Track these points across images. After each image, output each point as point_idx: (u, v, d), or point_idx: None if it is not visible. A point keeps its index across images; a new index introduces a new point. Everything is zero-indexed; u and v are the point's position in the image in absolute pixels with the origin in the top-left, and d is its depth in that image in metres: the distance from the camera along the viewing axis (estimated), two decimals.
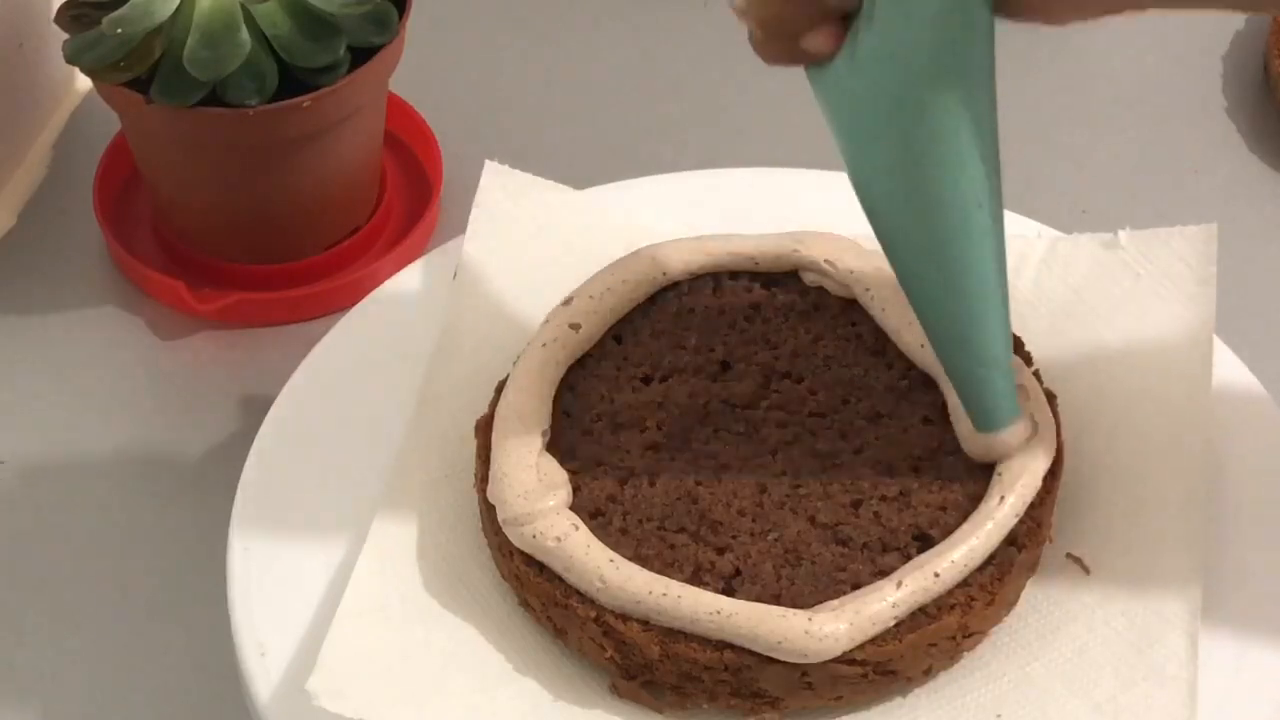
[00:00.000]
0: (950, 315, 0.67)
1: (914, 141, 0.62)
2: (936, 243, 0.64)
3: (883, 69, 0.61)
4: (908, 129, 0.61)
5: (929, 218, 0.64)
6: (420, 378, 0.78)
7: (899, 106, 0.61)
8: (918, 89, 0.61)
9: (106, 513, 0.82)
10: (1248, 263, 0.88)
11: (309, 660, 0.69)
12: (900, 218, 0.64)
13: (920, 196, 0.63)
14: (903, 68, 0.60)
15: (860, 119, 0.62)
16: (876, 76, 0.61)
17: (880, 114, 0.62)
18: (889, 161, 0.63)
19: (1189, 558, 0.71)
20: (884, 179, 0.64)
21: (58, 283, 0.91)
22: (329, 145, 0.87)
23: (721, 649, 0.68)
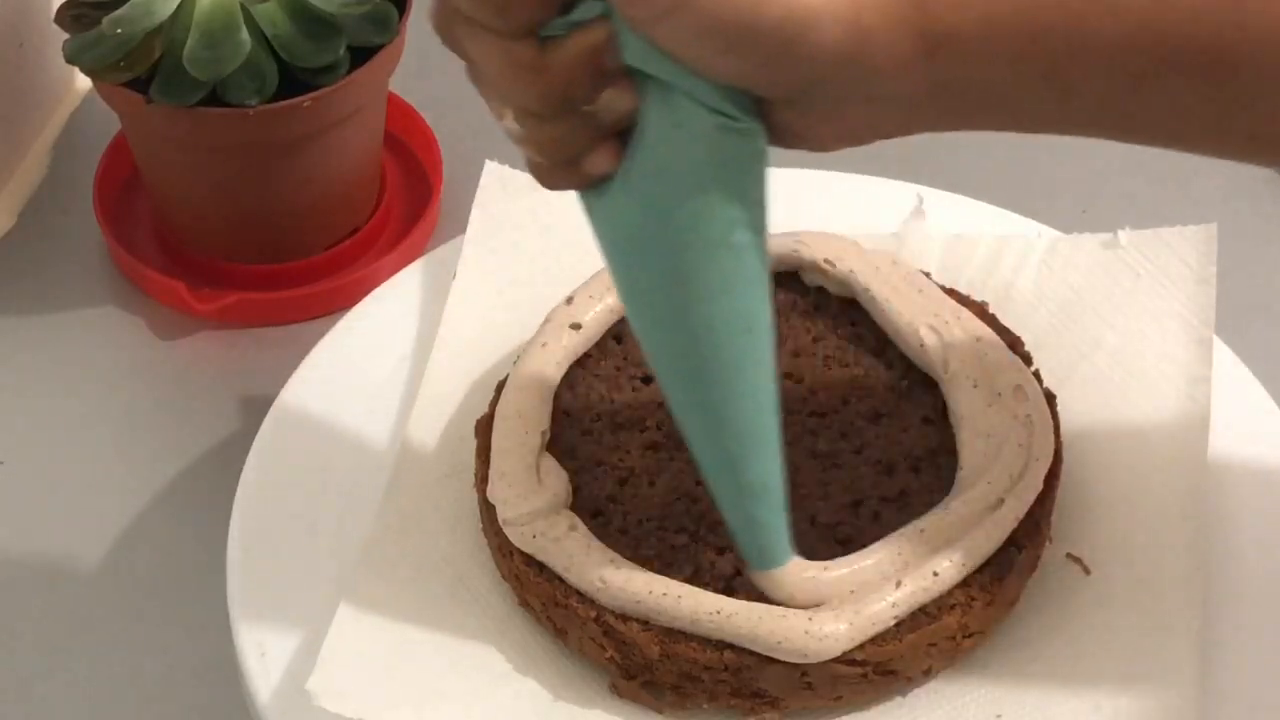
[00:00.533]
0: (719, 445, 0.64)
1: (682, 264, 0.60)
2: (705, 368, 0.62)
3: (651, 188, 0.60)
4: (676, 251, 0.60)
5: (697, 341, 0.61)
6: (420, 378, 0.78)
7: (666, 226, 0.60)
8: (685, 209, 0.60)
9: (106, 513, 0.82)
10: (1248, 263, 0.88)
11: (309, 660, 0.69)
12: (670, 342, 0.62)
13: (688, 319, 0.61)
14: (671, 188, 0.59)
15: (631, 241, 0.61)
16: (646, 196, 0.60)
17: (649, 235, 0.60)
18: (658, 284, 0.61)
19: (1189, 557, 0.71)
20: (654, 302, 0.62)
21: (58, 283, 0.91)
22: (329, 145, 0.87)
23: (721, 649, 0.67)
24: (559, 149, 0.60)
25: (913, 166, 0.88)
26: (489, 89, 0.60)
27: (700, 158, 0.59)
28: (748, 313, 0.62)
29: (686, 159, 0.59)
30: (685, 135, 0.59)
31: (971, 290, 0.79)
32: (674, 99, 0.58)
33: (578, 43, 0.58)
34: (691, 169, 0.59)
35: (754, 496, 0.65)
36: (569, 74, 0.58)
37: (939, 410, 0.74)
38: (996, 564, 0.70)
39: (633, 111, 0.59)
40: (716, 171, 0.59)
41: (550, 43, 0.58)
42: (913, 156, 0.92)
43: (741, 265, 0.60)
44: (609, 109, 0.59)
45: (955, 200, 0.85)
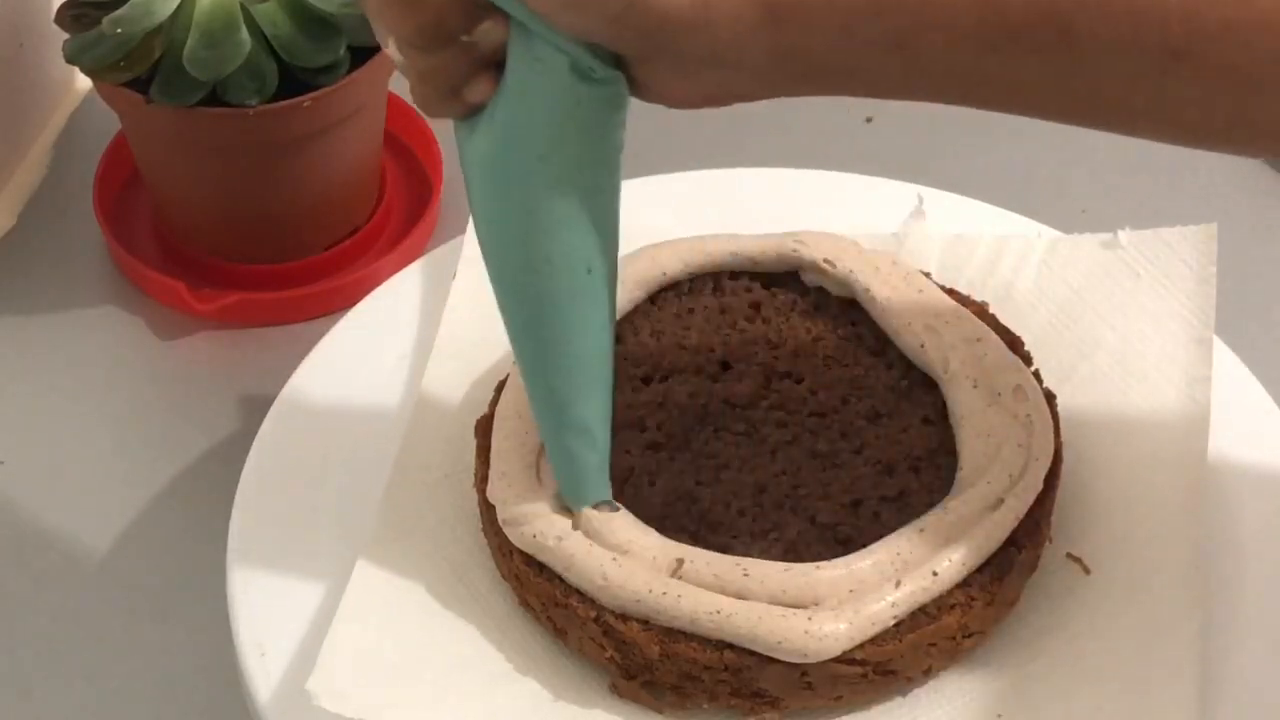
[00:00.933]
0: (548, 381, 0.67)
1: (528, 195, 0.63)
2: (541, 301, 0.65)
3: (509, 118, 0.62)
4: (524, 180, 0.63)
5: (536, 274, 0.65)
6: (420, 378, 0.78)
7: (518, 155, 0.63)
8: (536, 140, 0.62)
9: (106, 513, 0.82)
10: (1248, 263, 0.88)
11: (309, 660, 0.69)
12: (515, 275, 0.65)
13: (529, 250, 0.64)
14: (525, 119, 0.62)
15: (488, 169, 0.64)
16: (505, 126, 0.62)
17: (503, 164, 0.63)
18: (507, 215, 0.64)
19: (1189, 557, 0.71)
20: (501, 233, 0.65)
21: (58, 283, 0.91)
22: (329, 145, 0.87)
23: (721, 649, 0.67)
24: (439, 78, 0.62)
25: (913, 166, 0.88)
26: (374, 20, 0.62)
27: (554, 94, 0.61)
28: (589, 252, 0.64)
29: (542, 94, 0.62)
30: (542, 71, 0.61)
31: (971, 290, 0.79)
32: (534, 37, 0.61)
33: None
34: (546, 103, 0.62)
35: (576, 434, 0.68)
36: (442, 5, 0.60)
37: (939, 410, 0.74)
38: (996, 564, 0.70)
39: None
40: (570, 110, 0.62)
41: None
42: (913, 156, 0.93)
43: (588, 204, 0.63)
44: (486, 39, 0.61)
45: (955, 200, 0.85)
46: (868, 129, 0.97)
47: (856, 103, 0.97)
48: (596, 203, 0.64)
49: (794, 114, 0.97)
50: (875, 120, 0.96)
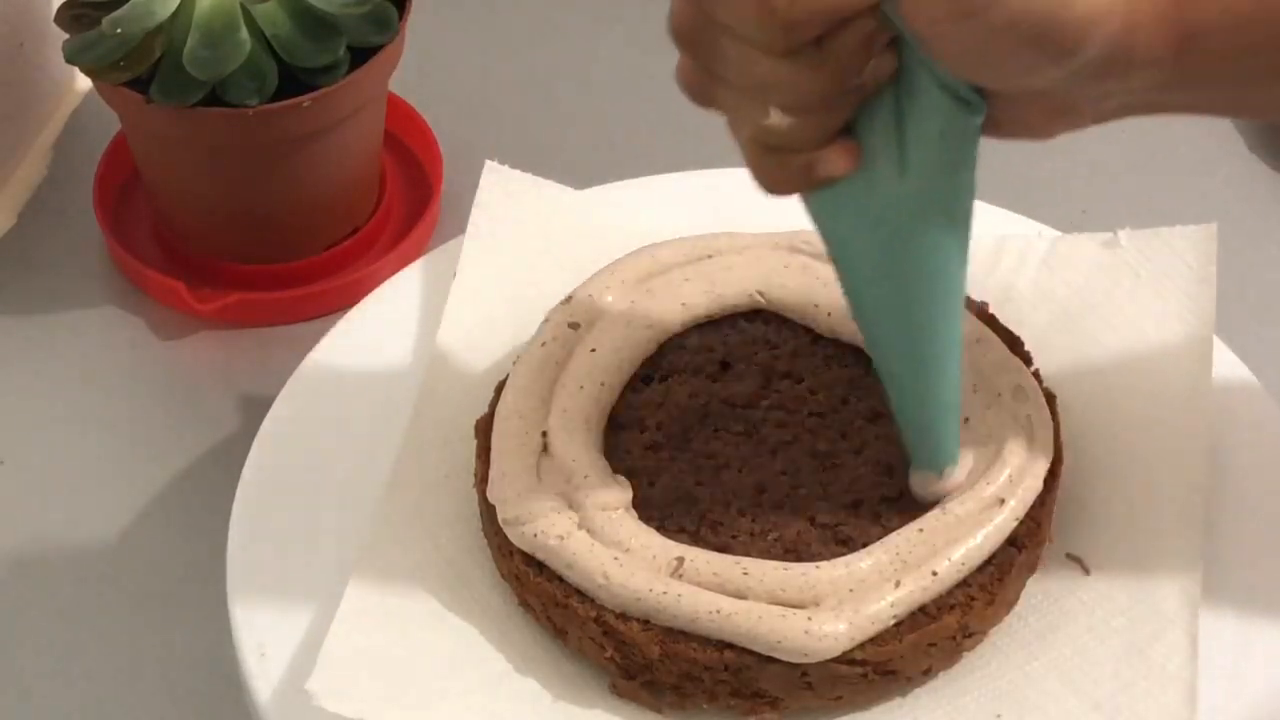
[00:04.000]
0: (921, 371, 0.69)
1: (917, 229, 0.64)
2: (921, 317, 0.67)
3: (919, 184, 0.63)
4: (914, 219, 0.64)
5: (917, 297, 0.66)
6: (420, 377, 0.78)
7: (902, 200, 0.64)
8: (926, 179, 0.63)
9: (106, 513, 0.82)
10: (1248, 263, 0.88)
11: (309, 660, 0.69)
12: (889, 299, 0.67)
13: (912, 281, 0.66)
14: (926, 168, 0.63)
15: (881, 224, 0.64)
16: (912, 190, 0.63)
17: (883, 210, 0.64)
18: (890, 258, 0.65)
19: (1188, 557, 0.71)
20: (880, 269, 0.66)
21: (58, 283, 0.91)
22: (329, 145, 0.87)
23: (721, 649, 0.68)
24: (824, 132, 0.61)
25: None
26: (746, 99, 0.61)
27: (949, 130, 0.62)
28: (957, 277, 0.66)
29: (939, 132, 0.62)
30: (933, 108, 0.61)
31: (971, 290, 0.79)
32: (918, 79, 0.61)
33: (855, 35, 0.59)
34: (943, 142, 0.62)
35: (947, 408, 0.70)
36: (849, 62, 0.60)
37: None
38: (996, 564, 0.70)
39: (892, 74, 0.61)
40: (960, 141, 0.63)
41: (826, 39, 0.59)
42: None
43: (959, 235, 0.65)
44: (874, 77, 0.61)
45: None
46: None
47: None
48: (964, 230, 0.65)
49: None
50: None
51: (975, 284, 0.80)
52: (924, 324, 0.67)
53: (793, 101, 0.60)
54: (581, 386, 0.74)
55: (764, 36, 0.58)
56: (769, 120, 0.61)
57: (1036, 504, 0.71)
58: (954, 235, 0.65)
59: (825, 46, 0.59)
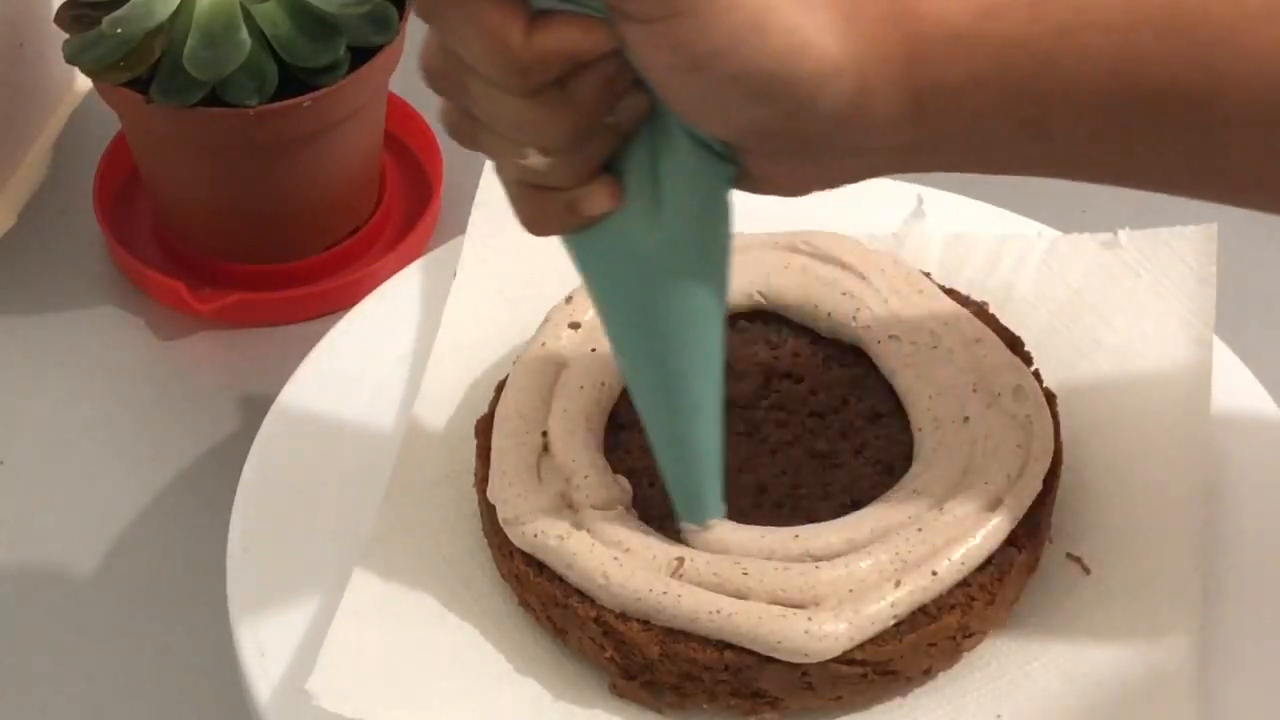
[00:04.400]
0: (673, 421, 0.68)
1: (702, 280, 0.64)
2: (675, 365, 0.66)
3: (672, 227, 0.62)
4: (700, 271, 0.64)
5: (671, 345, 0.65)
6: (420, 378, 0.78)
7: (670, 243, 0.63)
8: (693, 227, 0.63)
9: (106, 513, 0.82)
10: (1248, 263, 0.88)
11: (309, 660, 0.69)
12: (645, 345, 0.66)
13: (666, 328, 0.65)
14: (677, 211, 0.62)
15: (626, 262, 0.64)
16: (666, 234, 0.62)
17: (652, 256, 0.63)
18: (645, 302, 0.64)
19: (1189, 557, 0.71)
20: (633, 311, 0.65)
21: (58, 283, 0.91)
22: (329, 145, 0.87)
23: (721, 649, 0.67)
24: (583, 171, 0.61)
25: None
26: (514, 133, 0.60)
27: (697, 177, 0.61)
28: (712, 325, 0.65)
29: (688, 179, 0.61)
30: (681, 154, 0.61)
31: (971, 290, 0.79)
32: (666, 118, 0.60)
33: (596, 77, 0.58)
34: (692, 188, 0.62)
35: (701, 460, 0.68)
36: (594, 104, 0.59)
37: None
38: (996, 564, 0.70)
39: (646, 113, 0.60)
40: (712, 189, 0.62)
41: (568, 80, 0.58)
42: None
43: (713, 284, 0.64)
44: (628, 115, 0.60)
45: (955, 200, 0.85)
46: None
47: None
48: (725, 266, 0.65)
49: None
50: None
51: (975, 284, 0.80)
52: (679, 372, 0.66)
53: (544, 142, 0.60)
54: (581, 386, 0.74)
55: (503, 79, 0.58)
56: (527, 161, 0.60)
57: (1036, 504, 0.71)
58: (708, 283, 0.64)
59: (567, 88, 0.59)
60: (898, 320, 0.75)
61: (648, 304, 0.64)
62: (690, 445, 0.68)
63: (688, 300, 0.64)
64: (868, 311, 0.76)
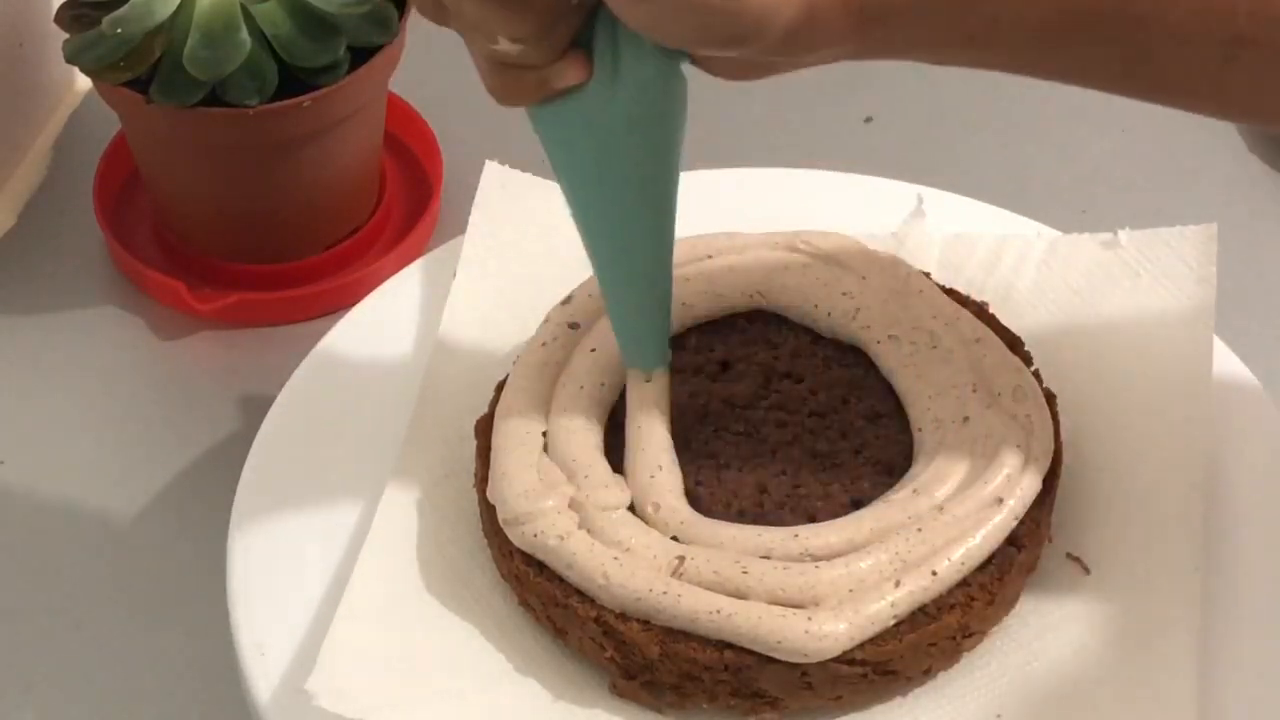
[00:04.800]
0: (633, 274, 0.72)
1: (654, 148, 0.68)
2: (634, 233, 0.70)
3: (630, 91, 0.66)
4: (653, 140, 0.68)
5: (630, 202, 0.69)
6: (420, 378, 0.78)
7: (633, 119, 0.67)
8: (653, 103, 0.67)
9: (106, 513, 0.82)
10: (1248, 263, 0.88)
11: (309, 660, 0.69)
12: (604, 205, 0.70)
13: (624, 186, 0.69)
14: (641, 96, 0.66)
15: (591, 136, 0.67)
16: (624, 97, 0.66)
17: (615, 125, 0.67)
18: (604, 162, 0.68)
19: (1188, 557, 0.71)
20: (596, 176, 0.69)
21: (58, 283, 0.91)
22: (329, 145, 0.87)
23: (721, 649, 0.67)
24: (552, 51, 0.64)
25: (913, 166, 0.88)
26: (477, 27, 0.63)
27: (642, 50, 0.65)
28: (668, 184, 0.69)
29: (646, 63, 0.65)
30: (632, 40, 0.64)
31: (971, 290, 0.79)
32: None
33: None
34: (654, 70, 0.65)
35: (647, 317, 0.73)
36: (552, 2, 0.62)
37: None
38: (996, 564, 0.70)
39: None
40: (660, 72, 0.66)
41: None
42: (913, 156, 0.93)
43: (669, 143, 0.68)
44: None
45: (955, 200, 0.85)
46: (868, 129, 0.97)
47: (856, 102, 0.97)
48: (677, 138, 0.68)
49: (794, 114, 0.97)
50: (875, 120, 0.96)
51: (975, 284, 0.80)
52: (630, 238, 0.70)
53: (513, 34, 0.63)
54: (581, 386, 0.74)
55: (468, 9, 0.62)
56: (498, 46, 0.63)
57: (1036, 504, 0.71)
58: (660, 154, 0.68)
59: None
60: (897, 320, 0.75)
61: (603, 172, 0.68)
62: (637, 304, 0.72)
63: (640, 169, 0.68)
64: (867, 311, 0.76)
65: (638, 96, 0.66)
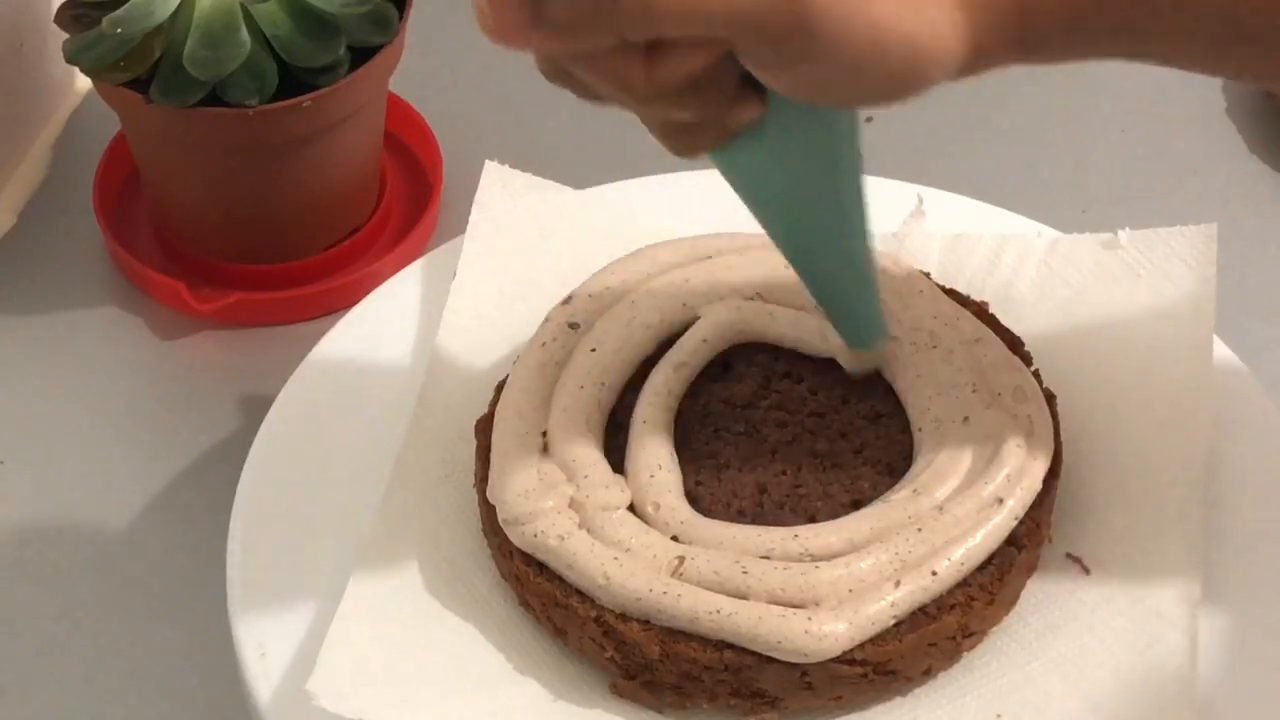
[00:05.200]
0: (847, 263, 0.71)
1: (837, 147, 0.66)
2: (854, 210, 0.69)
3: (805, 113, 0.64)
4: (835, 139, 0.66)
5: (839, 217, 0.69)
6: (420, 378, 0.78)
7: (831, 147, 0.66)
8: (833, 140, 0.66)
9: (106, 513, 0.82)
10: (1248, 263, 0.88)
11: (309, 660, 0.69)
12: (803, 211, 0.69)
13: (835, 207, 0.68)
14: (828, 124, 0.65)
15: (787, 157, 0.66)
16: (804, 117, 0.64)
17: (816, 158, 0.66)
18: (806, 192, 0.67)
19: (1188, 557, 0.71)
20: (804, 204, 0.68)
21: (58, 283, 0.91)
22: (329, 145, 0.87)
23: (721, 649, 0.67)
24: (726, 103, 0.62)
25: (913, 166, 0.88)
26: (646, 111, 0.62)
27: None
28: (855, 171, 0.68)
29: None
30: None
31: (971, 290, 0.79)
32: None
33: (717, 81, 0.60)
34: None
35: (856, 303, 0.73)
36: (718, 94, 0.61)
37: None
38: (996, 564, 0.70)
39: None
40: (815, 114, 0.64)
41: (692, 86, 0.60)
42: (913, 156, 0.93)
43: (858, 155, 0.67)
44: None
45: (955, 200, 0.85)
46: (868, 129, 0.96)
47: None
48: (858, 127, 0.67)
49: None
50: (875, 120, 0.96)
51: (975, 284, 0.80)
52: (837, 228, 0.69)
53: (679, 118, 0.62)
54: (581, 386, 0.74)
55: (633, 107, 0.61)
56: (672, 117, 0.62)
57: (1036, 504, 0.71)
58: (847, 136, 0.66)
59: (693, 90, 0.60)
60: (897, 320, 0.75)
61: (798, 187, 0.67)
62: (858, 282, 0.72)
63: (832, 172, 0.67)
64: None
65: (810, 110, 0.64)
